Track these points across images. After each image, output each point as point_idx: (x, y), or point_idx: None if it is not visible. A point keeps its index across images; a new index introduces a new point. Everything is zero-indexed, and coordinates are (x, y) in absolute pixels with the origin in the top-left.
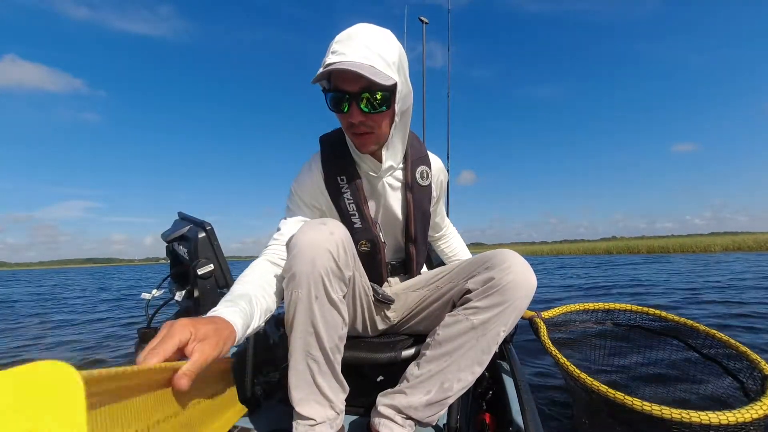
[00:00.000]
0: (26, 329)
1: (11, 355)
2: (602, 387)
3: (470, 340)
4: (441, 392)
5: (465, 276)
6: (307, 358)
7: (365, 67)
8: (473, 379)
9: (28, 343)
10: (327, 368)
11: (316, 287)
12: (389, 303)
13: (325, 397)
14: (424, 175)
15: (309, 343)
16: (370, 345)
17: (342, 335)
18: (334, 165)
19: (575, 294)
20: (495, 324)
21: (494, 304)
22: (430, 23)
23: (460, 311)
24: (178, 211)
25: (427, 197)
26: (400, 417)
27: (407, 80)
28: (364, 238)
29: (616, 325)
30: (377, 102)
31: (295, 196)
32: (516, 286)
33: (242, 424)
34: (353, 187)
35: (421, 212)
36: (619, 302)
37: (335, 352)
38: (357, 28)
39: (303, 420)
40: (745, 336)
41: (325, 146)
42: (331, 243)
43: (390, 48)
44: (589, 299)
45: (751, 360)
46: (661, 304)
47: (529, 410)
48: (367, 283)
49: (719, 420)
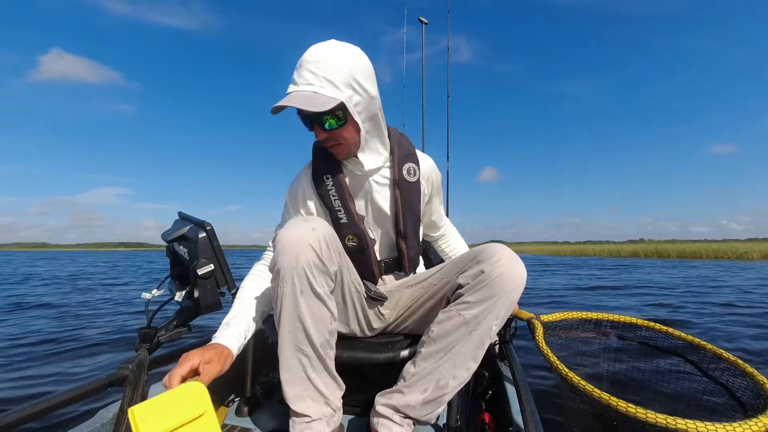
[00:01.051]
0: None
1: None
2: (588, 386)
3: (463, 336)
4: (437, 390)
5: (456, 271)
6: (297, 353)
7: (306, 97)
8: (468, 375)
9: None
10: (319, 363)
11: (300, 281)
12: (382, 300)
13: (320, 393)
14: (411, 171)
15: (298, 337)
16: (368, 345)
17: (332, 330)
18: (322, 166)
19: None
20: (487, 318)
21: (485, 297)
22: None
23: (452, 307)
24: (178, 211)
25: (415, 193)
26: (398, 416)
27: (366, 91)
28: (351, 232)
29: (618, 337)
30: (336, 118)
31: (289, 202)
32: (506, 278)
33: (242, 424)
34: (338, 184)
35: (411, 208)
36: (625, 312)
37: (326, 347)
38: (307, 53)
39: (299, 417)
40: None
41: (315, 151)
42: (313, 238)
43: (337, 68)
44: (591, 298)
45: (757, 381)
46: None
47: (528, 410)
48: (358, 280)
49: (716, 430)
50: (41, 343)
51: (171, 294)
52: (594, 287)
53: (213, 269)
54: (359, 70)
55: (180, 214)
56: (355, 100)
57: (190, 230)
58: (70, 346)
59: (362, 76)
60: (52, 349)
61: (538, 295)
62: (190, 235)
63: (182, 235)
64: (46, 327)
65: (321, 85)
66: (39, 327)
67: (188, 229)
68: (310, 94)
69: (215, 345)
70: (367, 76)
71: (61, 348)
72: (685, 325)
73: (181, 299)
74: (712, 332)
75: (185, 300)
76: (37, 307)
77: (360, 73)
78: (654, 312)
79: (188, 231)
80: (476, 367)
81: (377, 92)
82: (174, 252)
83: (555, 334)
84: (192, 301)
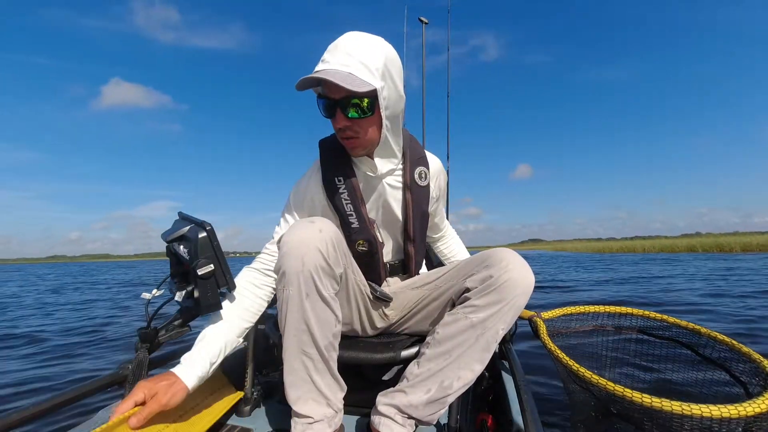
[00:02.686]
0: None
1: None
2: (602, 380)
3: (469, 339)
4: (441, 390)
5: (464, 275)
6: (301, 356)
7: (343, 75)
8: (473, 377)
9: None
10: (323, 365)
11: (306, 285)
12: (387, 301)
13: (322, 394)
14: (423, 175)
15: (303, 340)
16: (369, 345)
17: (336, 332)
18: (332, 166)
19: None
20: (494, 322)
21: (493, 302)
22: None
23: (459, 310)
24: (178, 212)
25: (425, 197)
26: (400, 416)
27: (396, 86)
28: (362, 237)
29: (616, 328)
30: (361, 109)
31: (293, 204)
32: (514, 284)
33: (242, 424)
34: (350, 187)
35: (420, 212)
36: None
37: (330, 349)
38: (344, 37)
39: (300, 418)
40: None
41: (323, 149)
42: (320, 241)
43: (374, 54)
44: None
45: (753, 360)
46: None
47: (529, 410)
48: (363, 281)
49: (721, 413)
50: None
51: (171, 294)
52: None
53: (213, 269)
54: (393, 64)
55: (180, 214)
56: (385, 93)
57: (191, 230)
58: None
59: (395, 71)
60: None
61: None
62: (191, 235)
63: (182, 235)
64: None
65: (357, 68)
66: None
67: (188, 229)
68: (346, 74)
69: (169, 376)
70: (399, 73)
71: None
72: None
73: (181, 299)
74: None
75: (185, 300)
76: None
77: (394, 67)
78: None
79: (188, 231)
80: (482, 369)
81: (404, 94)
82: (174, 252)
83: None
84: (192, 301)
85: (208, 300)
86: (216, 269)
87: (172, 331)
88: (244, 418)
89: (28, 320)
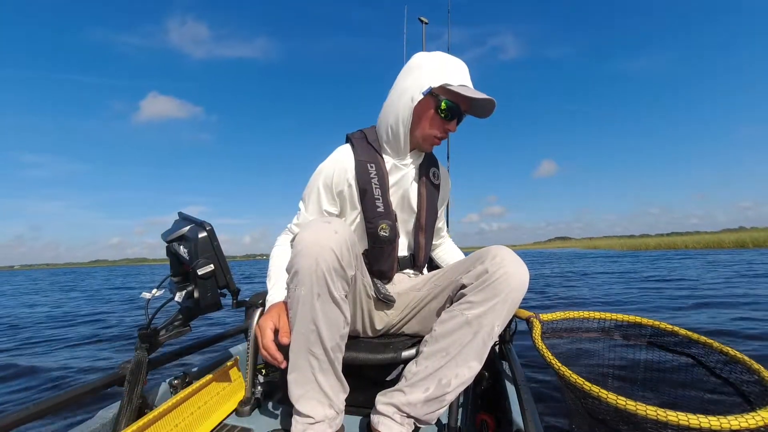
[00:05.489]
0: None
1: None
2: (579, 379)
3: (465, 335)
4: (439, 389)
5: (460, 272)
6: (308, 355)
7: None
8: (471, 375)
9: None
10: (328, 366)
11: (319, 285)
12: (391, 302)
13: (325, 395)
14: (436, 175)
15: (310, 340)
16: (370, 345)
17: (343, 334)
18: (366, 154)
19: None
20: (489, 318)
21: (487, 297)
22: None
23: (455, 307)
24: (178, 212)
25: (436, 194)
26: (399, 415)
27: None
28: (385, 221)
29: (623, 337)
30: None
31: (321, 184)
32: (508, 279)
33: (242, 424)
34: (380, 173)
35: (433, 205)
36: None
37: (336, 350)
38: (457, 60)
39: (302, 417)
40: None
41: (354, 140)
42: (335, 242)
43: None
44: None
45: (764, 378)
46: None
47: (529, 410)
48: (369, 282)
49: (720, 425)
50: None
51: (171, 294)
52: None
53: (213, 269)
54: None
55: (180, 215)
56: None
57: (191, 230)
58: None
59: None
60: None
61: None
62: (191, 235)
63: (182, 235)
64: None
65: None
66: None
67: (188, 229)
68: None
69: (277, 304)
70: None
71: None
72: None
73: (181, 299)
74: None
75: (185, 300)
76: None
77: None
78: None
79: (188, 231)
80: (479, 367)
81: None
82: (174, 252)
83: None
84: (192, 301)
85: (208, 300)
86: (216, 269)
87: (172, 331)
88: (244, 418)
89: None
